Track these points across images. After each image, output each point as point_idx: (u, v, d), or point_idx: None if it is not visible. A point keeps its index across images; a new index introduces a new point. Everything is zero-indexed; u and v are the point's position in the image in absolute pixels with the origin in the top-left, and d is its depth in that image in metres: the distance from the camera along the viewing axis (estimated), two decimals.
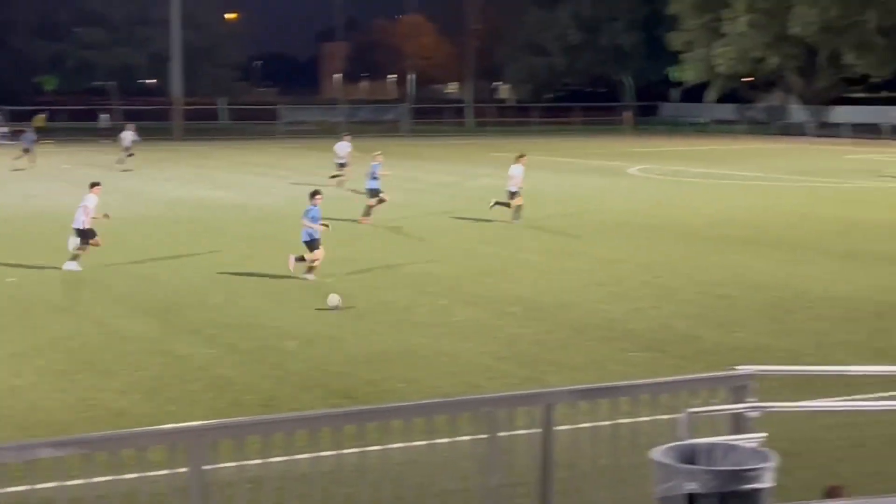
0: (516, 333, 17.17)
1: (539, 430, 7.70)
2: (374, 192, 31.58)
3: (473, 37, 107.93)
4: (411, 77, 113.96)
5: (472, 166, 53.05)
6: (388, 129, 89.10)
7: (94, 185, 24.32)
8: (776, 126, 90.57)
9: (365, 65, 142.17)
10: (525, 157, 32.52)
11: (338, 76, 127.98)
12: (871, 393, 12.02)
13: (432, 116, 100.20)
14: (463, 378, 14.54)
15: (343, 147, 41.46)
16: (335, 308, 18.71)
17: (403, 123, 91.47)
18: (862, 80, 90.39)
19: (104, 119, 79.21)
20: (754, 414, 7.66)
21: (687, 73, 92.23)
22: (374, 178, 31.78)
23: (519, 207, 30.81)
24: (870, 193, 39.05)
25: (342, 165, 40.79)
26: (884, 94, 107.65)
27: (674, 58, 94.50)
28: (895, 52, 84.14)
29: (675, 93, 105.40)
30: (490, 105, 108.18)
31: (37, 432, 12.11)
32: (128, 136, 51.60)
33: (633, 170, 50.44)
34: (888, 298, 19.89)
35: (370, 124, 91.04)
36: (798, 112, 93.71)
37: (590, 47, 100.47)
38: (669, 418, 7.93)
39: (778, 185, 34.35)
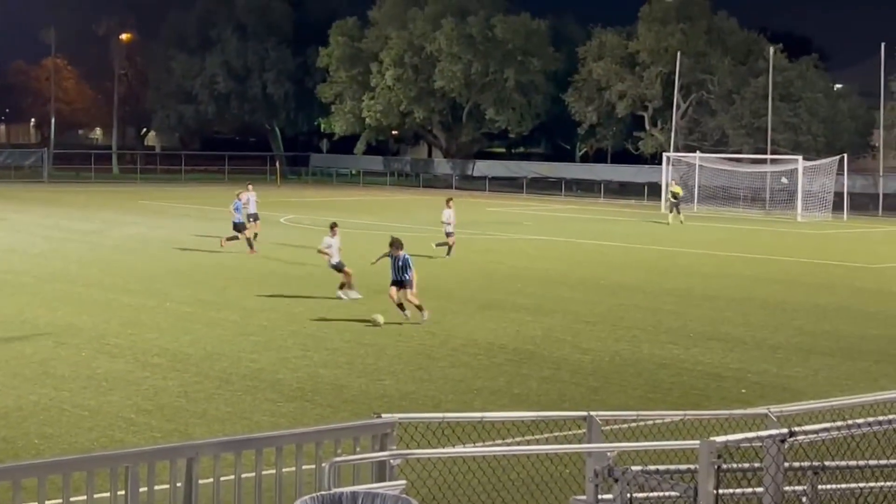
0: (161, 385, 16.78)
1: (181, 484, 7.53)
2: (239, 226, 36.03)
3: (119, 82, 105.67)
4: (52, 122, 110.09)
5: (118, 214, 51.72)
6: (29, 174, 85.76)
7: None
8: (422, 178, 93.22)
9: (3, 107, 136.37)
10: (452, 200, 37.82)
11: None
12: (510, 437, 12.46)
13: (76, 162, 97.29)
14: (104, 433, 14.06)
15: None
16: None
17: (45, 169, 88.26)
18: (502, 136, 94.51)
19: None
20: (396, 461, 7.77)
21: (336, 124, 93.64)
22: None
23: (451, 247, 35.37)
24: (509, 244, 40.74)
25: None
26: (521, 149, 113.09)
27: (324, 109, 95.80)
28: (532, 109, 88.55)
29: (325, 144, 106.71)
30: (137, 152, 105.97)
31: None
32: None
33: (283, 219, 50.61)
34: (526, 346, 20.72)
35: (9, 170, 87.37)
36: (442, 165, 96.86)
37: (239, 96, 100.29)
38: (314, 468, 7.95)
39: (423, 236, 35.24)
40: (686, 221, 54.38)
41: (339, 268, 27.04)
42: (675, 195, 57.26)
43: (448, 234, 35.89)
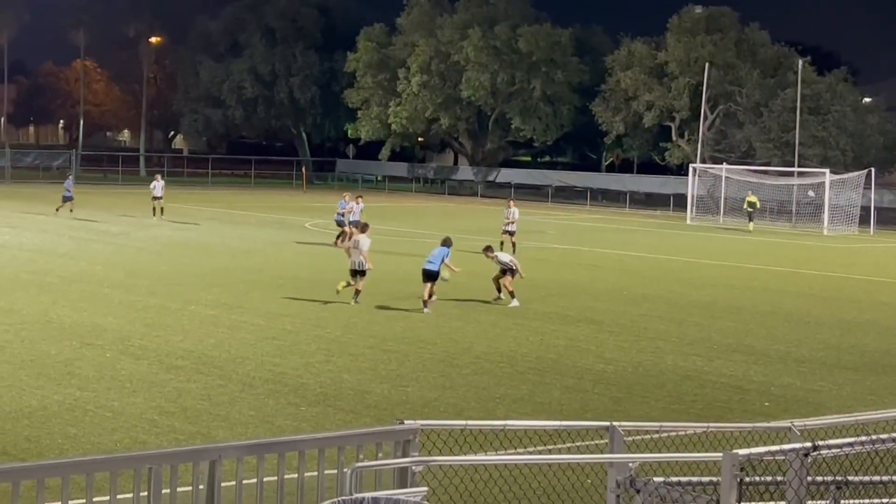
0: (184, 388, 16.84)
1: (203, 487, 7.56)
2: None
3: (148, 85, 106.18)
4: (81, 123, 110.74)
5: (144, 216, 51.94)
6: (57, 175, 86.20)
7: None
8: (446, 185, 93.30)
9: (33, 109, 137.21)
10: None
11: (3, 119, 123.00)
12: (532, 446, 12.45)
13: (103, 164, 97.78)
14: (127, 434, 14.12)
15: None
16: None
17: (72, 170, 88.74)
18: (528, 144, 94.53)
19: None
20: (418, 468, 7.78)
21: (362, 130, 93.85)
22: None
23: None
24: (533, 252, 40.69)
25: None
26: (547, 158, 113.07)
27: (351, 114, 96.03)
28: (557, 119, 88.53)
29: (351, 149, 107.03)
30: (164, 155, 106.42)
31: None
32: None
33: (308, 224, 50.74)
34: (549, 355, 20.71)
35: (38, 170, 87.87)
36: (467, 172, 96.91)
37: (266, 101, 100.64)
38: (336, 473, 7.96)
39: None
40: (711, 233, 54.23)
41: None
42: (751, 204, 58.80)
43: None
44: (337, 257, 36.76)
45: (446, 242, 26.79)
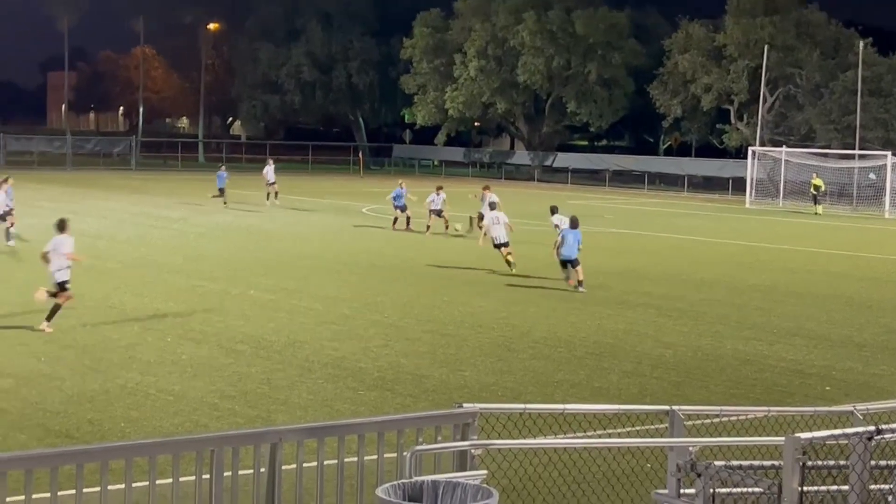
0: (244, 372, 16.96)
1: (265, 470, 7.61)
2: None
3: (206, 72, 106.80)
4: (141, 110, 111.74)
5: (204, 201, 52.34)
6: (117, 162, 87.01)
7: None
8: (503, 170, 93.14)
9: (93, 96, 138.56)
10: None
11: (64, 106, 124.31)
12: (590, 431, 12.43)
13: (163, 150, 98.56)
14: (188, 417, 14.25)
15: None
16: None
17: (133, 157, 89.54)
18: (584, 128, 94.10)
19: None
20: (477, 451, 7.78)
21: (419, 115, 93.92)
22: None
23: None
24: (590, 237, 40.51)
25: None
26: (604, 142, 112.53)
27: (407, 100, 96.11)
28: (614, 103, 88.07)
29: (408, 134, 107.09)
30: (223, 141, 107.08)
31: None
32: None
33: (365, 209, 50.89)
34: (607, 340, 20.64)
35: (98, 157, 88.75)
36: (523, 157, 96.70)
37: (324, 86, 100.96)
38: (395, 456, 7.99)
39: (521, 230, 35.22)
40: (771, 216, 53.77)
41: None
42: (816, 188, 58.66)
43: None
44: (393, 242, 36.91)
45: (575, 224, 27.41)
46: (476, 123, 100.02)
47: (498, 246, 30.18)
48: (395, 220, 41.16)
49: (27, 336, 19.19)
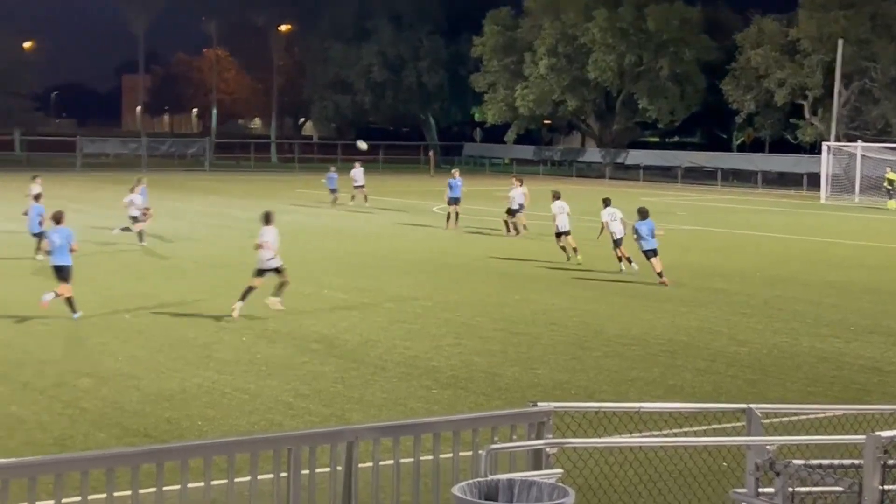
0: (318, 371, 17.08)
1: (341, 468, 7.65)
2: None
3: (278, 73, 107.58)
4: (214, 111, 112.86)
5: (277, 202, 52.70)
6: (190, 163, 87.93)
7: None
8: (574, 167, 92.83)
9: (167, 98, 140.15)
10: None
11: (139, 109, 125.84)
12: (664, 429, 12.36)
13: (236, 151, 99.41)
14: (264, 416, 14.38)
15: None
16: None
17: (206, 158, 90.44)
18: (656, 125, 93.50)
19: None
20: (553, 450, 7.78)
21: (489, 113, 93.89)
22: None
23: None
24: (664, 235, 40.25)
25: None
26: (676, 138, 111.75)
27: (477, 98, 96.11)
28: (686, 99, 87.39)
29: (478, 133, 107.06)
30: (295, 141, 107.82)
31: None
32: None
33: (436, 208, 50.94)
34: (680, 338, 20.50)
35: (172, 158, 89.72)
36: (594, 154, 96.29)
37: (394, 86, 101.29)
38: (471, 455, 8.00)
39: (577, 226, 35.09)
40: (847, 212, 53.08)
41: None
42: (891, 182, 58.11)
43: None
44: (462, 240, 36.92)
45: (646, 214, 27.75)
46: (546, 121, 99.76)
47: (560, 234, 30.93)
48: (448, 216, 41.01)
49: (106, 336, 19.47)
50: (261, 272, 21.76)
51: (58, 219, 21.50)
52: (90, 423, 13.89)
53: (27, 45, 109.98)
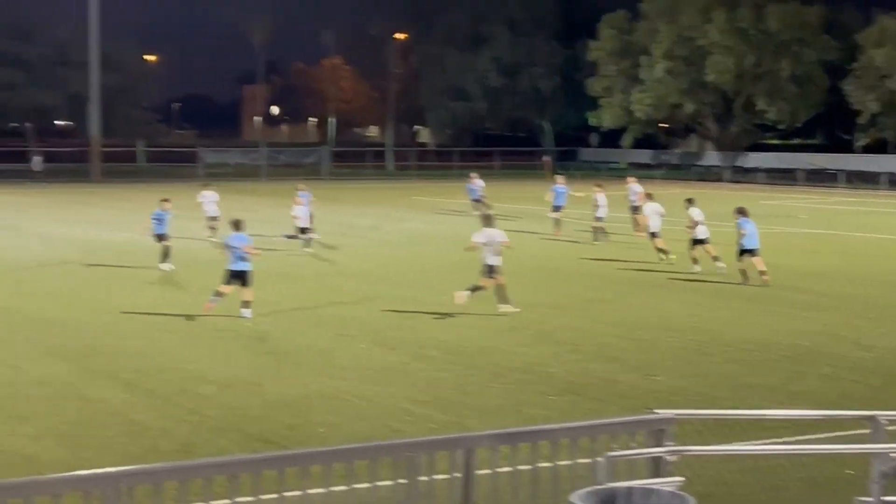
0: (435, 377, 17.15)
1: (459, 475, 7.68)
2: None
3: (394, 81, 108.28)
4: (331, 120, 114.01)
5: (393, 209, 53.09)
6: (308, 172, 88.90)
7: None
8: (692, 171, 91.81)
9: (285, 108, 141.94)
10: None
11: (258, 119, 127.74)
12: (787, 436, 12.16)
13: (353, 160, 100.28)
14: (382, 422, 14.48)
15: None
16: None
17: (324, 167, 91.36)
18: (776, 127, 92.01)
19: (37, 161, 77.83)
20: (673, 457, 7.71)
21: (605, 118, 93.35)
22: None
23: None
24: (784, 238, 39.66)
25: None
26: (796, 140, 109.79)
27: (593, 103, 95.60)
28: (807, 100, 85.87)
29: (594, 138, 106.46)
30: (411, 149, 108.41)
31: None
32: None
33: (552, 214, 50.71)
34: (802, 342, 20.16)
35: (291, 167, 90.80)
36: (713, 157, 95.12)
37: (510, 91, 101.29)
38: (589, 462, 7.97)
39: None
40: None
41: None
42: None
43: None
44: (577, 245, 36.73)
45: (746, 212, 27.96)
46: (663, 125, 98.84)
47: (654, 235, 31.32)
48: (556, 223, 40.50)
49: (227, 343, 19.79)
50: (490, 270, 23.12)
51: (237, 226, 22.62)
52: (212, 430, 14.13)
53: (150, 57, 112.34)
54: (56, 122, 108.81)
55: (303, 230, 35.06)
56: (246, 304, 22.11)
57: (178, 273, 28.93)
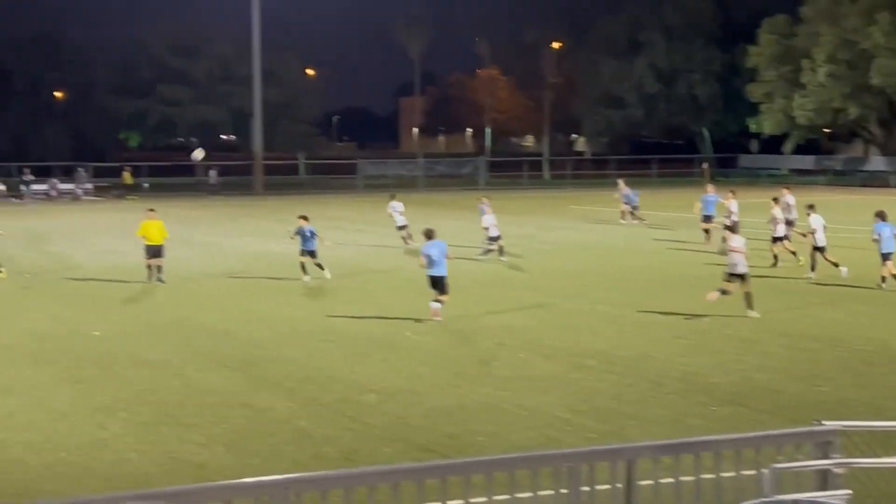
0: (594, 387, 17.09)
1: (621, 485, 7.66)
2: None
3: (550, 90, 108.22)
4: (488, 131, 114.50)
5: (549, 218, 53.03)
6: (465, 182, 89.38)
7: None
8: (857, 177, 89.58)
9: (442, 119, 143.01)
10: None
11: (416, 130, 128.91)
12: None
13: (509, 169, 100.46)
14: (541, 432, 14.49)
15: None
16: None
17: (480, 177, 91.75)
18: None
19: (213, 175, 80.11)
20: (841, 470, 7.56)
21: (765, 124, 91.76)
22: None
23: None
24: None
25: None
26: None
27: (752, 109, 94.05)
28: None
29: (753, 144, 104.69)
30: (567, 158, 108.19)
31: (121, 485, 12.26)
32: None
33: (706, 224, 50.01)
34: None
35: (448, 178, 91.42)
36: (879, 162, 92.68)
37: (666, 98, 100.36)
38: (753, 474, 7.86)
39: (861, 238, 33.87)
40: None
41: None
42: None
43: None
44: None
45: (886, 216, 27.91)
46: (826, 130, 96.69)
47: (819, 248, 30.03)
48: (708, 232, 39.21)
49: (387, 352, 20.01)
50: (732, 276, 23.70)
51: (430, 235, 23.64)
52: (375, 438, 14.32)
53: (310, 72, 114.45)
54: (221, 136, 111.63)
55: (493, 239, 35.43)
56: (439, 303, 23.18)
57: (341, 282, 29.39)
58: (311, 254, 30.01)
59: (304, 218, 30.51)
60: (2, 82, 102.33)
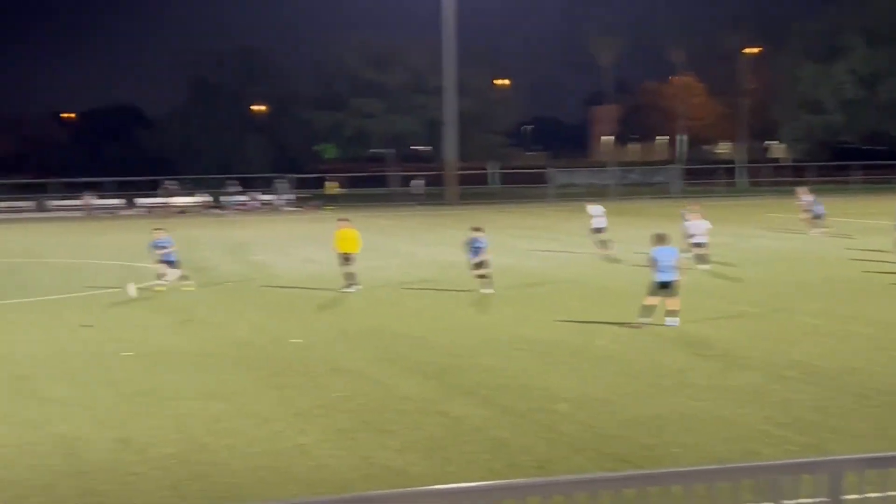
0: (794, 399, 16.67)
1: (826, 500, 7.46)
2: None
3: (746, 96, 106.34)
4: (682, 138, 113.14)
5: (745, 227, 52.06)
6: (657, 190, 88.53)
7: None
8: None
9: (634, 127, 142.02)
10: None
11: (607, 139, 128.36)
12: None
13: (703, 177, 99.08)
14: (740, 444, 14.21)
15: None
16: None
17: (673, 185, 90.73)
18: None
19: (416, 185, 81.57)
20: None
21: None
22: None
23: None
24: None
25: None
26: None
27: None
28: None
29: None
30: (763, 165, 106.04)
31: (320, 490, 12.52)
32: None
33: None
34: None
35: (640, 186, 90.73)
36: None
37: (868, 103, 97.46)
38: None
39: None
40: None
41: None
42: None
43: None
44: None
45: None
46: None
47: None
48: None
49: (580, 361, 19.94)
50: None
51: (662, 239, 23.74)
52: (568, 447, 14.27)
53: (501, 83, 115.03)
54: (413, 146, 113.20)
55: (697, 245, 35.06)
56: (672, 313, 23.41)
57: (532, 290, 29.45)
58: (478, 265, 29.92)
59: (478, 229, 30.58)
60: (207, 95, 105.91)
